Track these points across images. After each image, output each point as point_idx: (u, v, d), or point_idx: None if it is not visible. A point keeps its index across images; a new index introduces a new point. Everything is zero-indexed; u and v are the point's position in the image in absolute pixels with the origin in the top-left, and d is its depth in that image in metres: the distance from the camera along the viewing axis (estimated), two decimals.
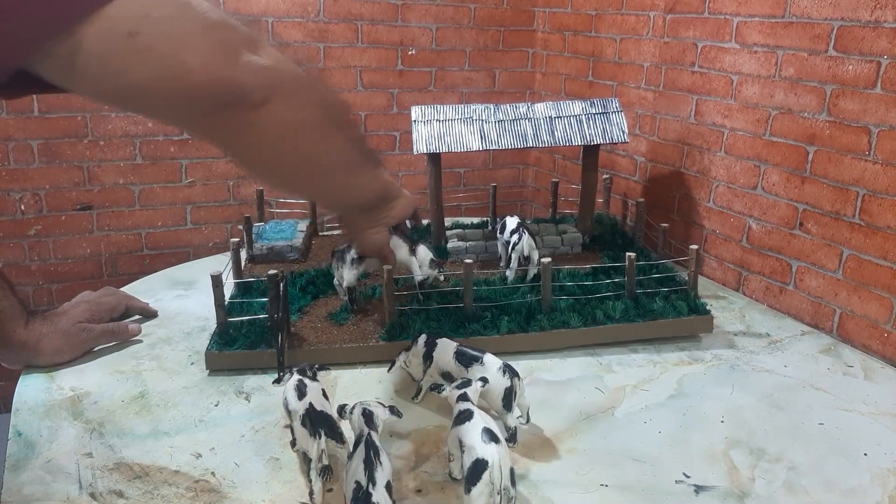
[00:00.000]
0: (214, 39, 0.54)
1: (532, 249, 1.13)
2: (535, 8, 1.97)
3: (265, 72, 0.58)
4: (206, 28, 0.53)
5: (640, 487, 0.75)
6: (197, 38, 0.52)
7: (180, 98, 0.54)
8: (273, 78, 0.59)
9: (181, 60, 0.51)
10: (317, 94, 0.67)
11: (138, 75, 0.50)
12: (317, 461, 0.70)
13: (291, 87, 0.62)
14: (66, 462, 0.77)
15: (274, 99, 0.59)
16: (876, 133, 1.05)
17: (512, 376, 0.80)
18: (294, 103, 0.62)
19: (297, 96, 0.63)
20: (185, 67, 0.52)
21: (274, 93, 0.59)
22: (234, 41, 0.56)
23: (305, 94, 0.64)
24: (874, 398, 0.94)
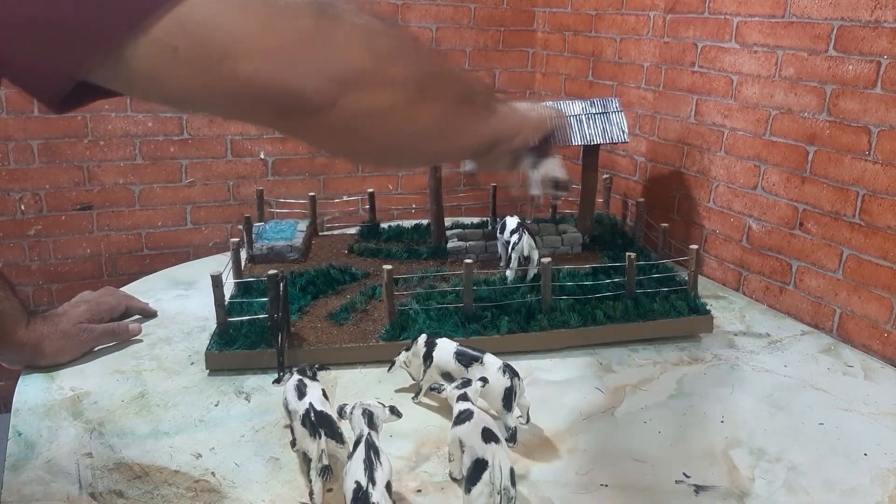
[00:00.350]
0: (277, 44, 0.50)
1: (532, 249, 1.13)
2: (535, 8, 1.97)
3: (331, 70, 0.52)
4: (267, 32, 0.50)
5: (640, 487, 0.75)
6: (253, 46, 0.49)
7: (235, 105, 0.52)
8: (342, 73, 0.53)
9: (238, 74, 0.49)
10: (400, 66, 0.59)
11: (189, 87, 0.49)
12: (317, 461, 0.70)
13: (364, 74, 0.55)
14: (66, 462, 0.77)
15: (345, 94, 0.53)
16: (876, 133, 1.05)
17: (512, 376, 0.80)
18: (370, 91, 0.56)
19: (373, 82, 0.56)
20: (243, 80, 0.49)
21: (344, 88, 0.53)
22: (295, 37, 0.51)
23: (383, 74, 0.57)
24: (874, 398, 0.94)
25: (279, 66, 0.50)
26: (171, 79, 0.48)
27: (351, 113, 0.55)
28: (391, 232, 1.42)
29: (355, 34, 0.55)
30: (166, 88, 0.49)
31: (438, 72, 0.66)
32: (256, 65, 0.49)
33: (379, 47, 0.57)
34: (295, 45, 0.51)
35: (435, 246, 1.33)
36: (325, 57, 0.52)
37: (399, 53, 0.60)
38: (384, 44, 0.58)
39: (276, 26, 0.50)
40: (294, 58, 0.50)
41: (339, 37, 0.53)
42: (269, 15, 0.50)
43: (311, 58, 0.51)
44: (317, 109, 0.52)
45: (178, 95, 0.50)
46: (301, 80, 0.51)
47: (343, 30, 0.54)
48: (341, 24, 0.54)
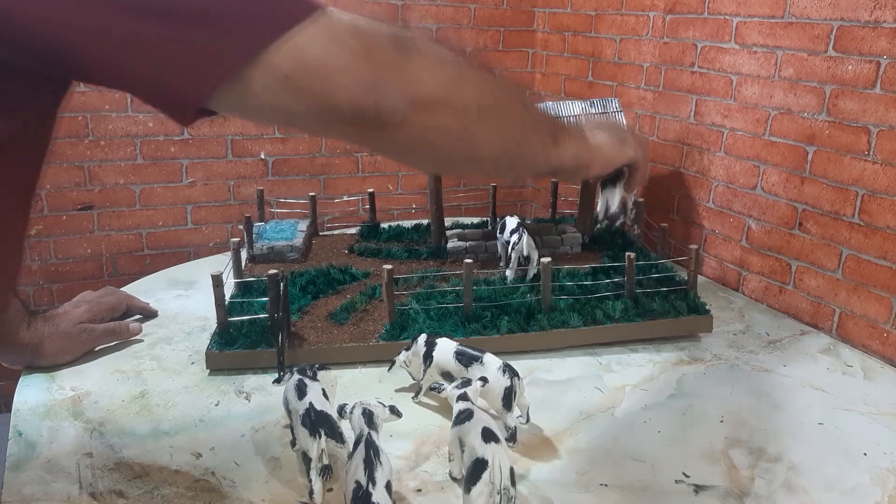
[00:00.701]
0: (362, 73, 0.58)
1: (532, 249, 1.13)
2: (535, 8, 1.97)
3: (403, 93, 0.61)
4: (354, 60, 0.57)
5: (639, 487, 0.75)
6: (345, 75, 0.57)
7: (332, 123, 0.60)
8: (412, 95, 0.61)
9: (331, 97, 0.57)
10: (463, 92, 0.67)
11: (294, 110, 0.57)
12: (317, 461, 0.70)
13: (431, 97, 0.63)
14: (67, 462, 0.77)
15: (413, 114, 0.61)
16: (875, 133, 1.05)
17: (512, 376, 0.80)
18: (434, 112, 0.64)
19: (438, 105, 0.64)
20: (333, 102, 0.57)
21: (413, 109, 0.61)
22: (380, 68, 0.59)
23: (447, 98, 0.65)
24: (874, 398, 0.95)
25: (365, 91, 0.58)
26: (279, 102, 0.56)
27: (417, 130, 0.63)
28: (391, 232, 1.42)
29: (426, 62, 0.63)
30: (273, 110, 0.57)
31: (500, 100, 0.72)
32: (350, 92, 0.57)
33: (445, 74, 0.65)
34: (378, 73, 0.59)
35: (435, 246, 1.33)
36: (400, 81, 0.61)
37: (463, 81, 0.67)
38: (450, 72, 0.66)
39: (365, 58, 0.58)
40: (376, 83, 0.59)
41: (412, 65, 0.62)
42: (359, 48, 0.58)
43: (389, 83, 0.60)
44: (388, 125, 0.60)
45: (281, 116, 0.60)
46: (379, 101, 0.59)
47: (416, 59, 0.62)
48: (415, 53, 0.62)
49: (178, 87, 0.53)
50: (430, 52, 0.65)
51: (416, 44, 0.63)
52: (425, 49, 0.64)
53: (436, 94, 0.64)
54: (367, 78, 0.58)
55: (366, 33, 0.59)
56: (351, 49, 0.57)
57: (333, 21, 0.57)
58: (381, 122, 0.60)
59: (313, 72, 0.56)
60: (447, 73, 0.66)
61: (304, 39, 0.54)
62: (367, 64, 0.58)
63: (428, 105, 0.63)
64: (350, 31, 0.58)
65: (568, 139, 0.82)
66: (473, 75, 0.70)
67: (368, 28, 0.60)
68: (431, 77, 0.64)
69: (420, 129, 0.63)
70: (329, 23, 0.57)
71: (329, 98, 0.57)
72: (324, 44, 0.56)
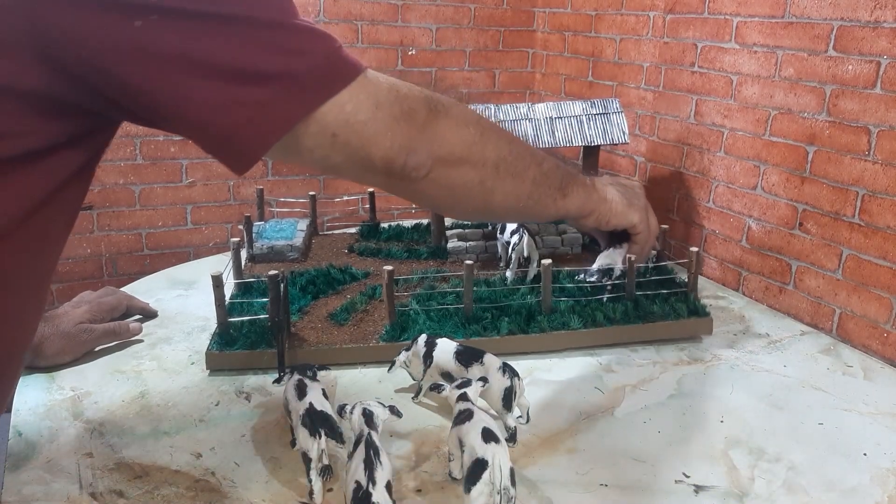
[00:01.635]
0: (397, 134, 0.66)
1: (532, 250, 1.13)
2: (535, 8, 1.97)
3: (431, 151, 0.70)
4: (392, 123, 0.66)
5: (639, 487, 0.75)
6: (382, 136, 0.65)
7: (365, 173, 0.69)
8: (437, 153, 0.70)
9: (368, 153, 0.65)
10: (483, 151, 0.75)
11: (335, 161, 0.65)
12: (317, 461, 0.70)
13: (454, 155, 0.72)
14: (67, 462, 0.77)
15: (437, 169, 0.71)
16: (876, 133, 1.05)
17: (512, 376, 0.80)
18: (456, 168, 0.73)
19: (459, 161, 0.73)
20: (370, 157, 0.66)
21: (437, 164, 0.71)
22: (413, 130, 0.68)
23: (468, 156, 0.74)
24: (874, 398, 0.95)
25: (398, 150, 0.67)
26: (324, 154, 0.64)
27: (439, 183, 0.72)
28: (391, 232, 1.42)
29: (452, 124, 0.72)
30: (317, 160, 0.65)
31: (516, 158, 0.80)
32: (385, 149, 0.66)
33: (468, 135, 0.74)
34: (411, 134, 0.68)
35: (435, 246, 1.33)
36: (428, 141, 0.69)
37: (484, 140, 0.76)
38: (473, 132, 0.74)
39: (402, 121, 0.67)
40: (409, 143, 0.68)
41: (440, 126, 0.71)
42: (399, 113, 0.66)
43: (419, 142, 0.69)
44: (414, 179, 0.70)
45: (323, 164, 0.66)
46: (408, 158, 0.68)
47: (444, 121, 0.71)
48: (444, 116, 0.71)
49: (241, 140, 0.58)
50: (457, 114, 0.73)
51: (445, 107, 0.71)
52: (453, 112, 0.72)
53: (458, 153, 0.73)
54: (401, 140, 0.67)
55: (404, 99, 0.67)
56: (392, 114, 0.66)
57: (376, 85, 0.65)
58: (408, 175, 0.69)
59: (357, 132, 0.63)
60: (470, 134, 0.74)
61: (352, 103, 0.62)
62: (403, 126, 0.67)
63: (451, 161, 0.72)
64: (391, 96, 0.66)
65: (576, 190, 0.91)
66: (494, 136, 0.78)
67: (406, 93, 0.68)
68: (456, 137, 0.72)
69: (442, 181, 0.72)
70: (373, 87, 0.64)
71: (367, 154, 0.65)
72: (369, 108, 0.64)
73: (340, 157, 0.65)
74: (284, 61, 0.58)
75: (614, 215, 0.98)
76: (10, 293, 0.60)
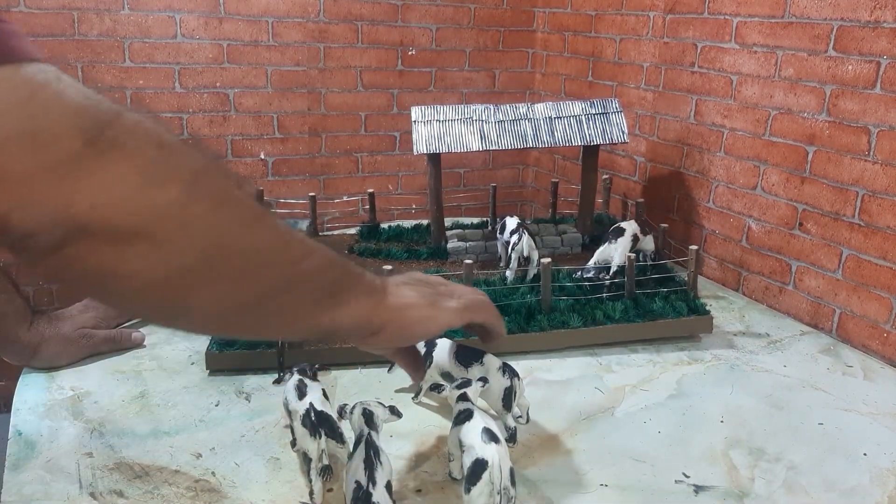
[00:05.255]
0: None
1: (532, 250, 1.13)
2: (535, 8, 1.97)
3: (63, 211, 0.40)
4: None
5: (639, 487, 0.75)
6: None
7: None
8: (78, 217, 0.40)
9: None
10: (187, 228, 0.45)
11: None
12: (317, 461, 0.70)
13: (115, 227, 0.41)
14: (67, 462, 0.77)
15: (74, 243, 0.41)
16: (875, 133, 1.05)
17: (512, 376, 0.80)
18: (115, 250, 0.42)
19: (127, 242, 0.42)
20: None
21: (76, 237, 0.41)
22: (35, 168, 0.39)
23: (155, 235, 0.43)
24: (874, 398, 0.95)
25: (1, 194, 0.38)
26: None
27: (80, 267, 0.42)
28: (391, 232, 1.42)
29: (125, 170, 0.41)
30: None
31: (250, 244, 0.49)
32: None
33: (157, 195, 0.42)
34: (30, 171, 0.38)
35: (435, 246, 1.33)
36: (67, 191, 0.39)
37: (191, 205, 0.44)
38: (169, 192, 0.43)
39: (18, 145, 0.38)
40: (21, 184, 0.38)
41: (100, 169, 0.40)
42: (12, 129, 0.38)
43: (45, 188, 0.39)
44: (29, 249, 0.40)
45: None
46: (13, 211, 0.39)
47: (112, 163, 0.41)
48: (112, 157, 0.41)
49: None
50: (144, 153, 0.42)
51: (121, 138, 0.41)
52: (135, 149, 0.42)
53: (126, 223, 0.42)
54: (10, 181, 0.38)
55: (39, 112, 0.39)
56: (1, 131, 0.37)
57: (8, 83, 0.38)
58: (19, 243, 0.40)
59: None
60: (162, 194, 0.43)
61: None
62: (19, 158, 0.38)
63: (106, 234, 0.41)
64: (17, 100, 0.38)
65: (358, 298, 0.60)
66: (213, 203, 0.46)
67: (47, 103, 0.39)
68: (130, 194, 0.41)
69: (85, 265, 0.42)
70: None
71: None
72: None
73: None
74: None
75: (416, 325, 0.67)
76: None
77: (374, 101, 1.90)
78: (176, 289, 0.46)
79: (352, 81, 1.86)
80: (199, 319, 0.52)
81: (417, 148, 1.24)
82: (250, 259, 0.49)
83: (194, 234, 0.45)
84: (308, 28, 1.78)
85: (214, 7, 1.69)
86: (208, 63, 1.72)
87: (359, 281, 0.61)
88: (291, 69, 1.79)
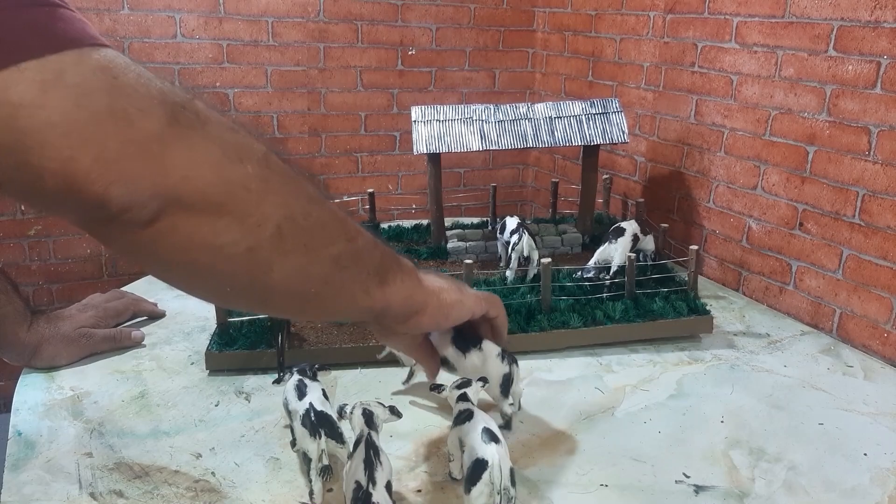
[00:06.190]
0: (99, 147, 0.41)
1: (532, 249, 1.13)
2: (535, 8, 1.97)
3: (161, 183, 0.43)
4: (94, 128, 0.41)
5: (639, 487, 0.75)
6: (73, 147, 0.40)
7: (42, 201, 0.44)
8: (171, 190, 0.44)
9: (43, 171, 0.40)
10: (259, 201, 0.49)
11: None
12: (317, 461, 0.70)
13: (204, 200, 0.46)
14: (66, 462, 0.77)
15: (169, 215, 0.44)
16: (876, 133, 1.05)
17: (511, 363, 0.79)
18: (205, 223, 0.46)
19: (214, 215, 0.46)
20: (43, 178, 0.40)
21: (170, 209, 0.44)
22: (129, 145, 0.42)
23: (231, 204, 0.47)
24: (874, 398, 0.94)
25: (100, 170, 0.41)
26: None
27: (173, 239, 0.45)
28: (391, 232, 1.42)
29: (208, 149, 0.45)
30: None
31: (314, 222, 0.53)
32: (74, 170, 0.40)
33: (236, 172, 0.47)
34: (126, 148, 0.41)
35: (435, 246, 1.33)
36: (159, 165, 0.43)
37: (264, 185, 0.49)
38: (246, 170, 0.47)
39: (112, 124, 0.41)
40: (119, 160, 0.41)
41: (186, 147, 0.44)
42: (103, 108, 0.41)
43: (140, 163, 0.42)
44: (125, 223, 0.43)
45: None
46: (113, 185, 0.41)
47: (196, 140, 0.45)
48: (196, 131, 0.45)
49: None
50: (222, 135, 0.47)
51: (202, 119, 0.46)
52: (214, 130, 0.46)
53: (213, 195, 0.46)
54: (107, 158, 0.41)
55: (126, 93, 0.42)
56: (95, 113, 0.40)
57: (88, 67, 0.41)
58: (116, 217, 0.43)
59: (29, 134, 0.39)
60: (240, 171, 0.47)
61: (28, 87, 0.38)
62: (114, 135, 0.41)
63: (197, 207, 0.45)
64: (103, 83, 0.41)
65: (401, 277, 0.64)
66: (283, 181, 0.51)
67: (133, 84, 0.42)
68: (213, 169, 0.46)
69: (177, 237, 0.45)
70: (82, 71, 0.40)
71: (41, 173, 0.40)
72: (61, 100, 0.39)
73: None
74: None
75: (452, 307, 0.71)
76: None
77: (374, 101, 1.90)
78: (258, 263, 0.50)
79: (352, 81, 1.86)
80: (278, 297, 0.55)
81: (417, 148, 1.24)
82: (317, 234, 0.53)
83: (270, 208, 0.49)
84: (308, 28, 1.78)
85: (214, 7, 1.69)
86: (208, 63, 1.72)
87: (400, 262, 0.65)
88: (291, 69, 1.79)
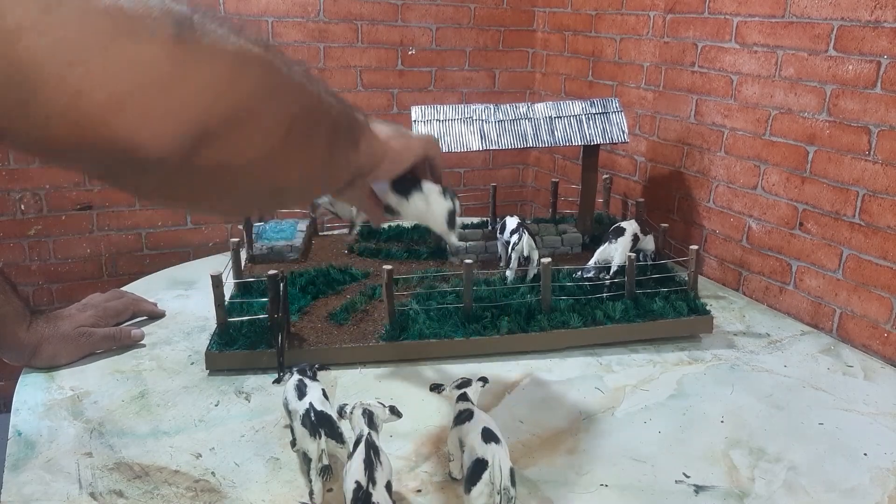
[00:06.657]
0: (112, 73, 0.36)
1: (532, 249, 1.13)
2: (535, 8, 1.97)
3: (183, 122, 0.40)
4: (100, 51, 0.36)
5: (640, 487, 0.75)
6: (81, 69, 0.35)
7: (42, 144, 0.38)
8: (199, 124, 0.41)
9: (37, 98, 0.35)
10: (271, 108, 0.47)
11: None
12: (317, 461, 0.70)
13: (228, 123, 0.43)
14: (66, 462, 0.77)
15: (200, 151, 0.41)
16: (876, 133, 1.05)
17: (452, 197, 0.79)
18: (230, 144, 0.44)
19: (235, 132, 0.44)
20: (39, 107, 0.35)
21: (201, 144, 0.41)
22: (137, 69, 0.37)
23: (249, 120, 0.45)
24: (874, 398, 0.94)
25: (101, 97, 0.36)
26: None
27: (202, 170, 0.43)
28: (391, 232, 1.42)
29: (220, 66, 0.42)
30: None
31: (311, 106, 0.52)
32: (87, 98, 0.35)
33: (248, 84, 0.44)
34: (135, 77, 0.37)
35: (435, 246, 1.33)
36: (178, 103, 0.39)
37: (271, 90, 0.46)
38: (254, 79, 0.45)
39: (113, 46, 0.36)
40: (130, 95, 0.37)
41: (198, 71, 0.40)
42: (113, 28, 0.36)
43: (157, 102, 0.38)
44: (156, 167, 0.39)
45: None
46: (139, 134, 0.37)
47: (203, 61, 0.41)
48: (202, 51, 0.41)
49: None
50: (223, 45, 0.43)
51: (202, 33, 0.41)
52: (216, 41, 0.42)
53: (234, 114, 0.43)
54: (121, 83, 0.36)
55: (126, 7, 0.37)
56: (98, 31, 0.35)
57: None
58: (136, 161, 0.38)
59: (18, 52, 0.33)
60: (249, 80, 0.44)
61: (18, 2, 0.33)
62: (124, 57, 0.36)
63: (222, 130, 0.42)
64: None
65: (366, 134, 0.64)
66: (280, 76, 0.48)
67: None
68: (229, 89, 0.42)
69: (206, 167, 0.42)
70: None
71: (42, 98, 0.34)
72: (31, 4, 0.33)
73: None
74: None
75: (402, 152, 0.72)
76: None
77: (374, 101, 1.90)
78: (278, 164, 0.49)
79: (352, 81, 1.86)
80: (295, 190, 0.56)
81: None
82: (312, 122, 0.53)
83: (279, 108, 0.47)
84: (308, 28, 1.78)
85: (214, 7, 1.69)
86: None
87: (359, 119, 0.64)
88: None
